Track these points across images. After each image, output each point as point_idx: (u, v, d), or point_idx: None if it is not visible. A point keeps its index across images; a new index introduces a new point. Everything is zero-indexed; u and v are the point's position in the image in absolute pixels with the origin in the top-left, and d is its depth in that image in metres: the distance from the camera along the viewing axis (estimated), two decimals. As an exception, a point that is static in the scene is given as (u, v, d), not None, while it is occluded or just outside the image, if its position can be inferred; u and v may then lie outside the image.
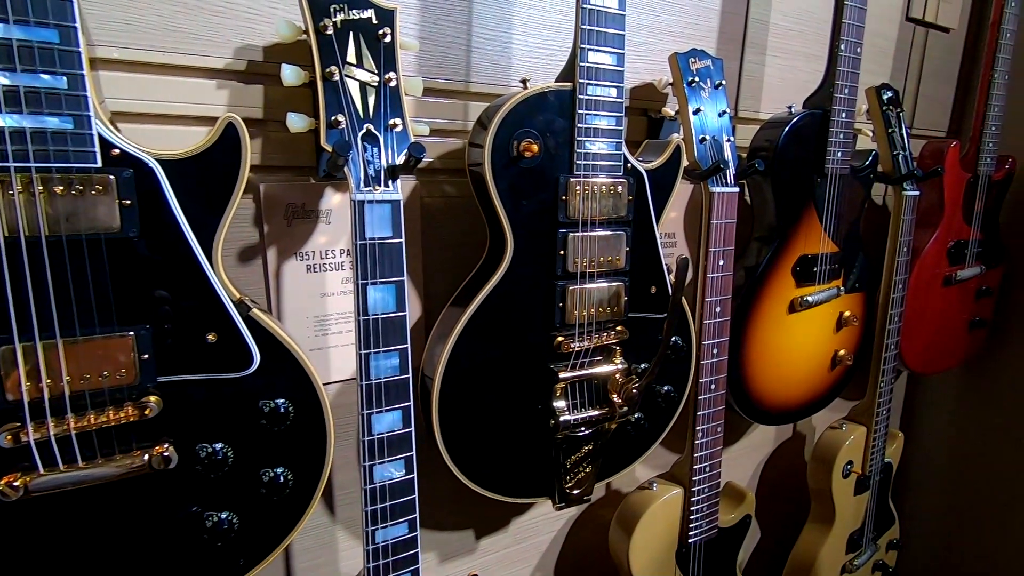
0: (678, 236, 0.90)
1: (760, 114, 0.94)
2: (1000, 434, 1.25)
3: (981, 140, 1.06)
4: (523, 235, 0.61)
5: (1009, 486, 1.25)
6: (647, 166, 0.67)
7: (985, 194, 1.09)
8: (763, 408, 0.91)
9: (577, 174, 0.61)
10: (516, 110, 0.58)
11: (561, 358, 0.65)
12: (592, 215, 0.63)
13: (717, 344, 0.79)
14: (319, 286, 0.64)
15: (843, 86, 0.83)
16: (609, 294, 0.66)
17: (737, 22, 0.88)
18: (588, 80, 0.60)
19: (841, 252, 0.91)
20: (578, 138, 0.61)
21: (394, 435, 0.57)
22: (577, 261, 0.63)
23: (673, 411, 0.77)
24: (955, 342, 1.16)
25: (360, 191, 0.52)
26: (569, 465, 0.70)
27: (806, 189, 0.85)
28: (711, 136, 0.74)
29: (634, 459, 0.76)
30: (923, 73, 1.16)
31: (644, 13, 0.79)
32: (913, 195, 0.97)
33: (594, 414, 0.68)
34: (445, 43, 0.66)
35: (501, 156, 0.58)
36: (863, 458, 1.06)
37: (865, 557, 1.13)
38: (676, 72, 0.74)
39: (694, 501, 0.83)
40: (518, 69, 0.71)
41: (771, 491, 1.19)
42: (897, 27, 1.08)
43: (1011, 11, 1.03)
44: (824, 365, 0.95)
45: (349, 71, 0.53)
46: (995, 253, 1.15)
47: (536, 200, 0.61)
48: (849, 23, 0.81)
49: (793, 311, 0.88)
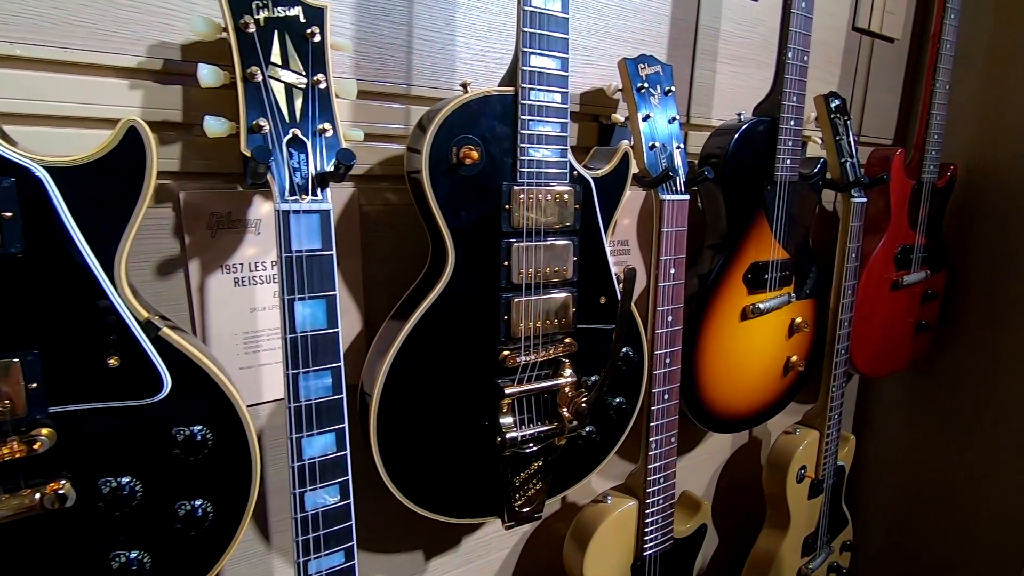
0: (631, 243, 0.89)
1: (712, 121, 0.93)
2: (946, 433, 1.29)
3: (924, 148, 1.09)
4: (465, 245, 0.58)
5: (956, 483, 1.28)
6: (594, 174, 0.65)
7: (929, 201, 1.12)
8: (717, 417, 0.90)
9: (521, 182, 0.59)
10: (455, 115, 0.55)
11: (507, 372, 0.63)
12: (537, 224, 0.61)
13: (670, 353, 0.77)
14: (248, 300, 0.60)
15: (791, 94, 0.83)
16: (556, 305, 0.64)
17: (687, 29, 0.88)
18: (531, 85, 0.58)
19: (792, 259, 0.91)
20: (521, 145, 0.58)
21: (327, 459, 0.54)
22: (522, 272, 0.61)
23: (626, 423, 0.76)
24: (902, 345, 1.18)
25: (285, 200, 0.49)
26: (518, 483, 0.67)
27: (756, 196, 0.85)
28: (661, 143, 0.73)
29: (586, 474, 0.74)
30: (869, 82, 1.18)
31: (593, 17, 0.78)
32: (860, 202, 0.98)
33: (543, 430, 0.66)
34: (384, 44, 0.63)
35: (440, 163, 0.55)
36: (816, 462, 1.07)
37: (820, 560, 1.14)
38: (625, 78, 0.73)
39: (649, 513, 0.82)
40: (462, 72, 0.69)
41: (729, 497, 1.19)
42: (844, 36, 1.10)
43: (950, 23, 1.06)
44: (777, 372, 0.96)
45: (273, 72, 0.49)
46: (939, 258, 1.18)
47: (478, 209, 0.58)
48: (796, 31, 0.81)
49: (745, 318, 0.88)
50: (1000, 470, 1.20)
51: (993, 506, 1.22)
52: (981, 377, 1.22)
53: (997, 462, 1.21)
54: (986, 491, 1.23)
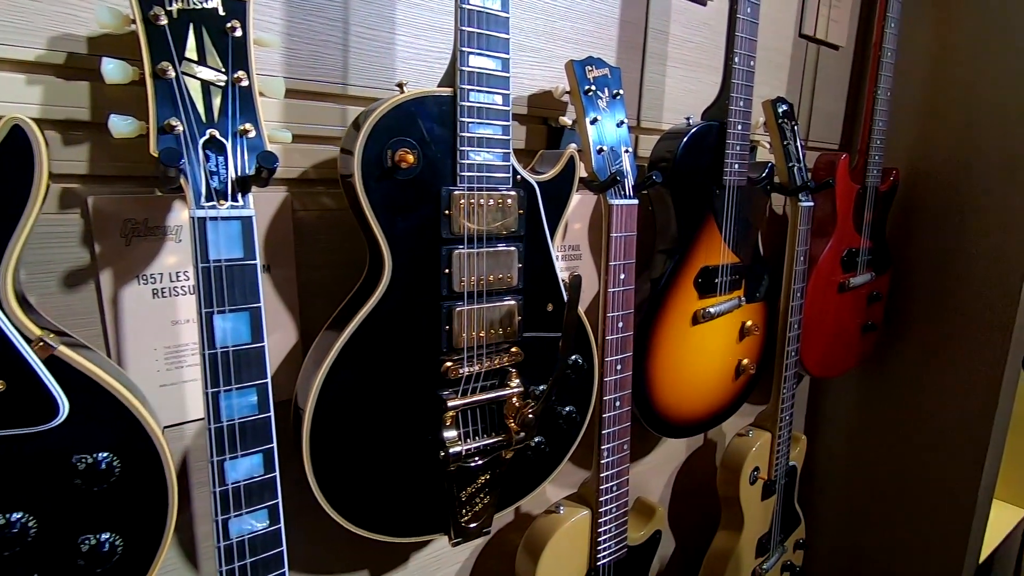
0: (583, 248, 0.88)
1: (662, 124, 0.93)
2: (891, 430, 1.32)
3: (868, 153, 1.11)
4: (403, 252, 0.56)
5: (901, 479, 1.31)
6: (539, 178, 0.63)
7: (873, 204, 1.14)
8: (670, 422, 0.90)
9: (461, 186, 0.57)
10: (389, 117, 0.52)
11: (450, 384, 0.61)
12: (479, 230, 0.59)
13: (620, 360, 0.76)
14: (169, 313, 0.56)
15: (738, 98, 0.83)
16: (501, 314, 0.62)
17: (636, 31, 0.87)
18: (470, 86, 0.55)
19: (742, 262, 0.91)
20: (461, 148, 0.56)
21: (254, 482, 0.50)
22: (464, 280, 0.59)
23: (576, 432, 0.74)
24: (850, 346, 1.21)
25: (201, 206, 0.45)
26: (464, 498, 0.65)
27: (705, 200, 0.85)
28: (609, 147, 0.72)
29: (536, 485, 0.72)
30: (816, 88, 1.20)
31: (540, 18, 0.76)
32: (807, 206, 0.99)
33: (489, 442, 0.63)
34: (318, 42, 0.60)
35: (374, 166, 0.53)
36: (769, 463, 1.08)
37: (774, 560, 1.15)
38: (572, 80, 0.71)
39: (602, 522, 0.80)
40: (403, 72, 0.66)
41: (685, 499, 1.19)
42: (791, 43, 1.12)
43: (891, 32, 1.08)
44: (729, 375, 0.96)
45: (188, 68, 0.46)
46: (883, 260, 1.21)
47: (416, 215, 0.56)
48: (742, 36, 0.81)
49: (696, 323, 0.87)
50: (941, 465, 1.24)
51: (936, 500, 1.26)
52: (923, 375, 1.26)
53: (939, 457, 1.25)
54: (930, 485, 1.27)
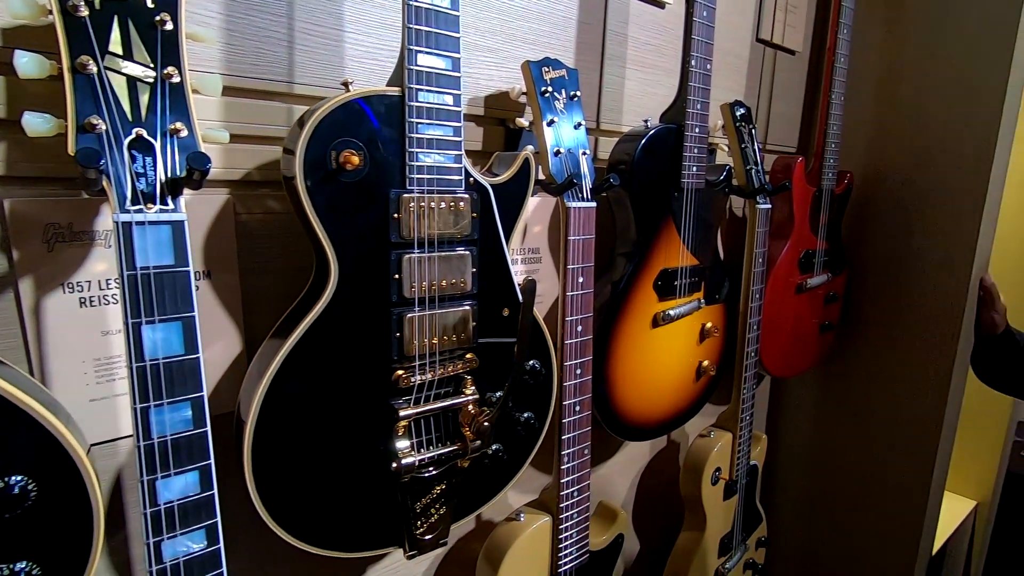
0: (543, 251, 0.87)
1: (622, 127, 0.93)
2: (849, 427, 1.35)
3: (823, 156, 1.13)
4: (350, 257, 0.53)
5: (858, 475, 1.34)
6: (493, 180, 0.62)
7: (828, 206, 1.17)
8: (631, 425, 0.90)
9: (411, 189, 0.55)
10: (332, 116, 0.50)
11: (402, 393, 0.59)
12: (431, 234, 0.57)
13: (580, 364, 0.76)
14: (98, 323, 0.53)
15: (695, 101, 0.83)
16: (455, 320, 0.60)
17: (595, 33, 0.87)
18: (419, 85, 0.54)
19: (701, 265, 0.92)
20: (410, 149, 0.54)
21: (189, 501, 0.48)
22: (415, 285, 0.57)
23: (535, 438, 0.73)
24: (808, 345, 1.23)
25: (126, 210, 0.42)
26: (419, 509, 0.63)
27: (664, 203, 0.85)
28: (567, 149, 0.71)
29: (494, 494, 0.71)
30: (774, 92, 1.22)
31: (496, 18, 0.75)
32: (765, 208, 1.00)
33: (443, 452, 0.62)
34: (260, 38, 0.58)
35: (317, 168, 0.50)
36: (730, 463, 1.09)
37: (736, 559, 1.16)
38: (529, 81, 0.70)
39: (563, 529, 0.79)
40: (353, 71, 0.64)
41: (650, 501, 1.19)
42: (749, 47, 1.13)
43: (844, 38, 1.11)
44: (689, 377, 0.96)
45: (113, 63, 0.43)
46: (839, 261, 1.23)
47: (363, 218, 0.54)
48: (698, 39, 0.82)
49: (657, 325, 0.87)
50: (896, 460, 1.28)
51: (891, 493, 1.29)
52: (878, 373, 1.29)
53: (893, 452, 1.28)
54: (886, 480, 1.30)
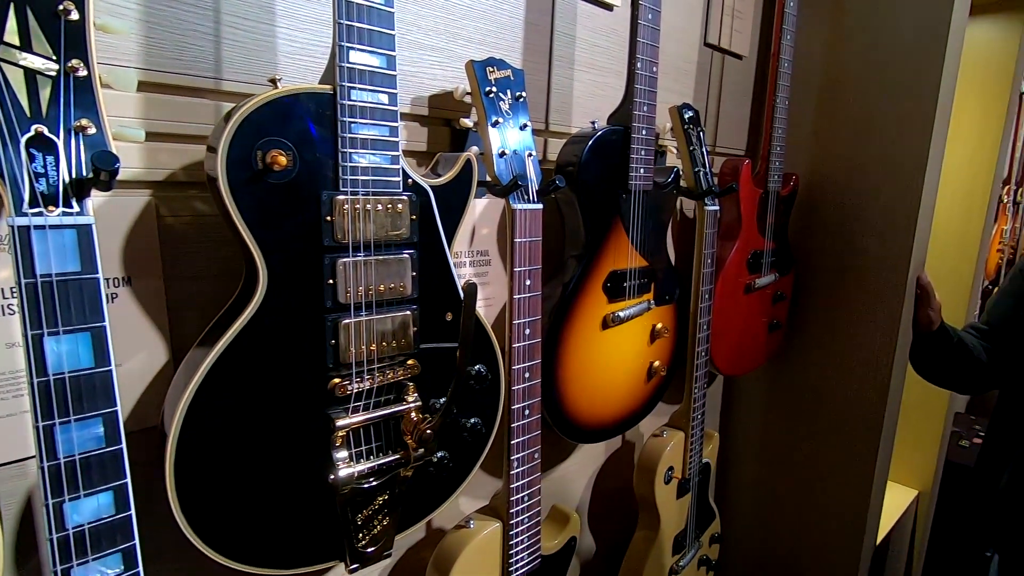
0: (492, 254, 0.86)
1: (571, 128, 0.93)
2: (798, 422, 1.39)
3: (769, 159, 1.16)
4: (279, 262, 0.51)
5: (808, 468, 1.38)
6: (433, 182, 0.60)
7: (775, 208, 1.19)
8: (583, 427, 0.89)
9: (344, 191, 0.53)
10: (258, 114, 0.48)
11: (339, 402, 0.57)
12: (367, 237, 0.55)
13: (529, 367, 0.75)
14: (3, 334, 0.49)
15: (642, 103, 0.84)
16: (394, 325, 0.59)
17: (543, 34, 0.86)
18: (351, 83, 0.52)
19: (650, 266, 0.92)
20: (343, 150, 0.52)
21: (103, 524, 0.45)
22: (351, 290, 0.55)
23: (483, 444, 0.72)
24: (758, 344, 1.25)
25: (23, 213, 0.39)
26: (360, 521, 0.61)
27: (612, 205, 0.85)
28: (512, 150, 0.70)
29: (441, 502, 0.70)
30: (722, 95, 1.24)
31: (440, 16, 0.74)
32: (713, 210, 1.02)
33: (385, 462, 0.60)
34: (183, 31, 0.55)
35: (241, 168, 0.48)
36: (683, 462, 1.10)
37: (690, 556, 1.18)
38: (473, 81, 0.69)
39: (513, 535, 0.78)
40: (286, 68, 0.61)
41: (605, 502, 1.20)
42: (697, 51, 1.15)
43: (787, 43, 1.13)
44: (641, 378, 0.97)
45: (8, 54, 0.40)
46: (786, 261, 1.26)
47: (294, 221, 0.51)
48: (643, 42, 0.82)
49: (607, 327, 0.87)
50: (842, 452, 1.31)
51: (838, 485, 1.33)
52: (824, 368, 1.32)
53: (839, 445, 1.32)
54: (833, 472, 1.34)
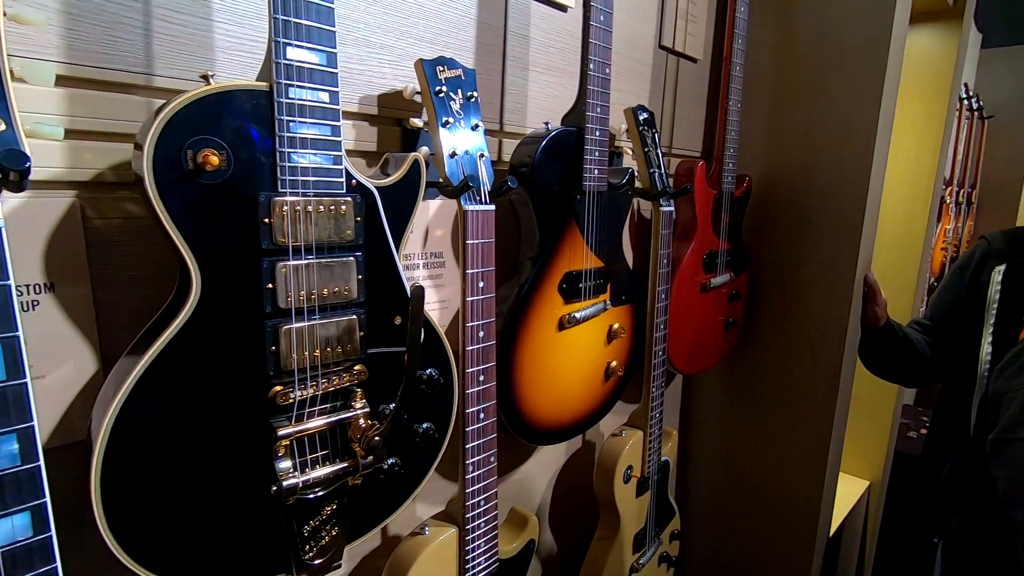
0: (447, 256, 0.85)
1: (526, 129, 0.93)
2: (754, 418, 1.42)
3: (723, 160, 1.18)
4: (213, 266, 0.49)
5: (761, 464, 1.41)
6: (379, 183, 0.59)
7: (729, 209, 1.22)
8: (541, 429, 0.89)
9: (283, 192, 0.51)
10: (188, 111, 0.46)
11: (281, 410, 0.55)
12: (309, 240, 0.54)
13: (483, 370, 0.74)
14: (-93, 346, 0.45)
15: (595, 105, 0.84)
16: (339, 330, 0.57)
17: (496, 34, 0.86)
18: (289, 81, 0.50)
19: (606, 267, 0.93)
20: (281, 149, 0.51)
21: (19, 547, 0.42)
22: (292, 295, 0.53)
23: (436, 450, 0.71)
24: (714, 342, 1.28)
25: (-81, 216, 0.37)
26: (307, 532, 0.59)
27: (567, 206, 0.85)
28: (463, 151, 0.70)
29: (393, 510, 0.68)
30: (678, 98, 1.26)
31: (389, 14, 0.72)
32: (668, 210, 1.03)
33: (332, 471, 0.58)
34: (109, 24, 0.52)
35: (170, 168, 0.46)
36: (642, 461, 1.11)
37: (650, 553, 1.19)
38: (422, 81, 0.68)
39: (470, 540, 0.77)
40: (223, 64, 0.59)
41: (567, 501, 1.20)
42: (652, 54, 1.16)
43: (739, 47, 1.16)
44: (598, 378, 0.97)
45: (-97, 45, 0.37)
46: (741, 261, 1.29)
47: (228, 224, 0.49)
48: (596, 44, 0.82)
49: (563, 328, 0.87)
50: (796, 446, 1.35)
51: (792, 478, 1.36)
52: (778, 365, 1.36)
53: (793, 439, 1.35)
54: (788, 465, 1.37)
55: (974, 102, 2.50)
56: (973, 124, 2.56)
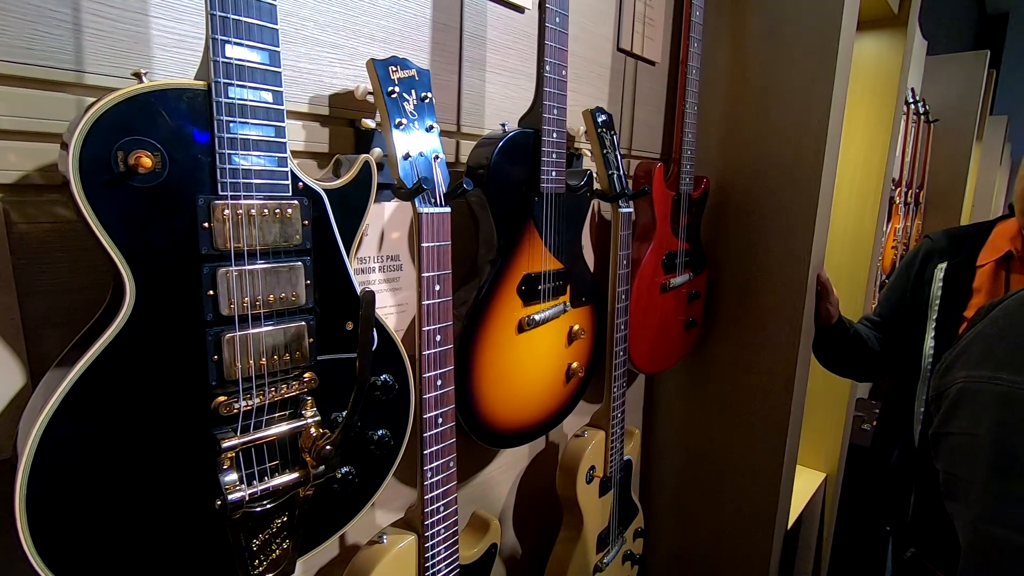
0: (404, 259, 0.83)
1: (484, 131, 0.92)
2: (714, 414, 1.44)
3: (680, 162, 1.20)
4: (149, 273, 0.47)
5: (724, 458, 1.44)
6: (327, 185, 0.58)
7: (687, 210, 1.23)
8: (502, 432, 0.89)
9: (224, 195, 0.50)
10: (118, 111, 0.44)
11: (225, 421, 0.53)
12: (252, 244, 0.52)
13: (441, 375, 0.73)
14: None
15: (551, 106, 0.84)
16: (287, 337, 0.55)
17: (451, 34, 0.85)
18: (228, 80, 0.48)
19: (565, 268, 0.93)
20: (220, 151, 0.49)
21: (-68, 576, 0.39)
22: (235, 302, 0.51)
23: (393, 457, 0.70)
24: (675, 342, 1.29)
25: None
26: (256, 547, 0.57)
27: (525, 208, 0.84)
28: (418, 152, 0.68)
29: (348, 520, 0.67)
30: (636, 100, 1.27)
31: (338, 12, 0.71)
32: (627, 212, 1.04)
33: (280, 482, 0.56)
34: (33, 17, 0.49)
35: (99, 170, 0.44)
36: (604, 461, 1.12)
37: (614, 552, 1.20)
38: (374, 81, 0.66)
39: (429, 547, 0.76)
40: (161, 61, 0.57)
41: (531, 503, 1.19)
42: (610, 56, 1.17)
43: (695, 51, 1.18)
44: (559, 380, 0.97)
45: None
46: (699, 261, 1.31)
47: (165, 228, 0.47)
48: (552, 46, 0.82)
49: (522, 331, 0.87)
50: (755, 441, 1.38)
51: (751, 473, 1.39)
52: (737, 362, 1.38)
53: (752, 434, 1.38)
54: (748, 460, 1.40)
55: (920, 106, 2.60)
56: (920, 128, 2.67)
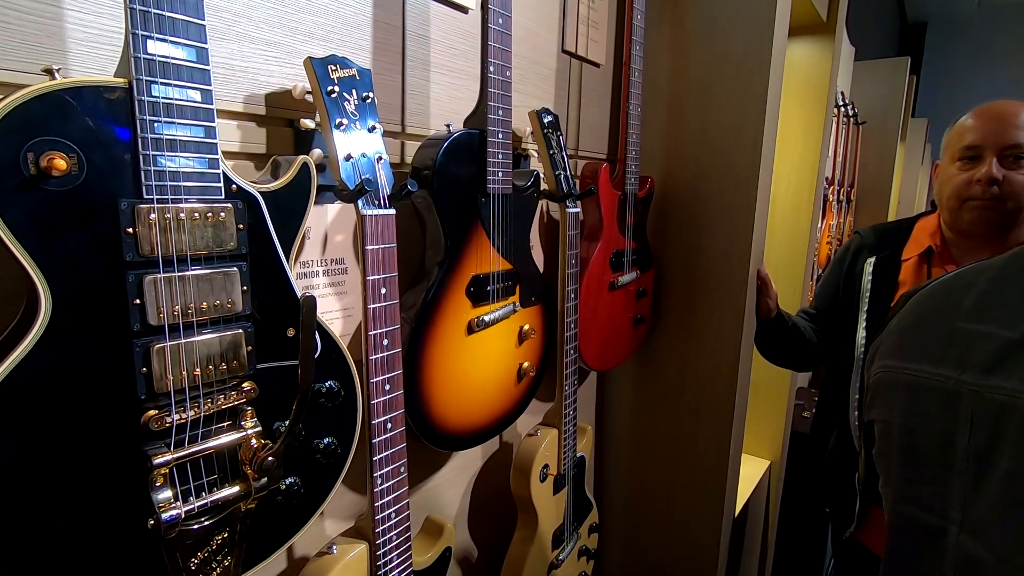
0: (349, 262, 0.81)
1: (430, 131, 0.91)
2: (663, 408, 1.48)
3: (626, 162, 1.22)
4: (66, 282, 0.44)
5: (673, 451, 1.47)
6: (264, 188, 0.56)
7: (634, 209, 1.26)
8: (453, 435, 0.88)
9: (149, 199, 0.47)
10: (26, 110, 0.41)
11: (157, 436, 0.50)
12: (182, 250, 0.49)
13: (389, 379, 0.72)
14: None
15: (496, 107, 0.84)
16: (223, 346, 0.53)
17: (394, 33, 0.84)
18: (151, 77, 0.46)
19: (514, 269, 0.93)
20: (144, 152, 0.46)
21: None
22: (164, 311, 0.49)
23: (341, 465, 0.68)
24: (624, 339, 1.32)
25: None
26: (194, 566, 0.55)
27: (471, 209, 0.84)
28: (360, 153, 0.67)
29: (294, 532, 0.65)
30: (582, 101, 1.29)
31: (275, 8, 0.68)
32: (574, 212, 1.05)
33: (219, 497, 0.54)
34: (-71, 7, 0.46)
35: (6, 173, 0.41)
36: (557, 458, 1.13)
37: (569, 548, 1.21)
38: (313, 80, 0.65)
39: (381, 555, 0.75)
40: (80, 58, 0.53)
41: (486, 505, 1.19)
42: (556, 58, 1.18)
43: (637, 53, 1.20)
44: (510, 380, 0.97)
45: None
46: (646, 259, 1.34)
47: (83, 235, 0.45)
48: (495, 47, 0.82)
49: (472, 332, 0.87)
50: (702, 432, 1.42)
51: (699, 466, 1.43)
52: (682, 357, 1.42)
53: (699, 426, 1.42)
54: (697, 451, 1.44)
55: (849, 109, 2.75)
56: (850, 129, 2.82)
